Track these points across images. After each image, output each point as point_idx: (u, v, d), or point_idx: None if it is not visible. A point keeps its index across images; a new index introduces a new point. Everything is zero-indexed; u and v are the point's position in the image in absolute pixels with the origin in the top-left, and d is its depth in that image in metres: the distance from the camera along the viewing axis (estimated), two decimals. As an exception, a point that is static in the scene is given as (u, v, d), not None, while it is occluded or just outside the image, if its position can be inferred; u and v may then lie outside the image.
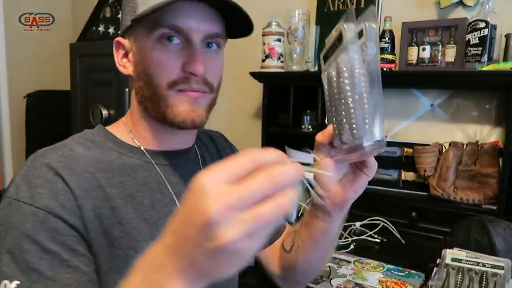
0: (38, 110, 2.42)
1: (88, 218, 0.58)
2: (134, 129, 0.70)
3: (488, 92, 1.50)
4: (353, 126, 0.50)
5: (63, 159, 0.60)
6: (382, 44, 1.51)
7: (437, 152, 1.48)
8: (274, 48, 1.71)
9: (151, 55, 0.63)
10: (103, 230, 0.59)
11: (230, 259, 0.33)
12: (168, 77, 0.63)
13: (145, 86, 0.64)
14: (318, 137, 0.60)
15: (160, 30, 0.61)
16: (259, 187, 0.32)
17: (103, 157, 0.64)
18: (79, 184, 0.59)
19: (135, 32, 0.65)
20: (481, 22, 1.33)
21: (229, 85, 2.13)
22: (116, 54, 0.69)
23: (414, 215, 1.48)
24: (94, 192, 0.60)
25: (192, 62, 0.62)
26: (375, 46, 0.50)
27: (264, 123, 1.80)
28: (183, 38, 0.62)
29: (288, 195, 0.32)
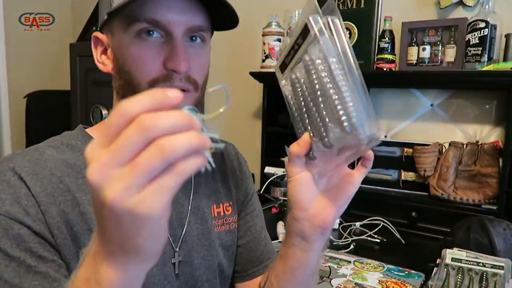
0: (38, 110, 2.42)
1: (54, 224, 0.55)
2: None
3: (488, 92, 1.50)
4: (342, 119, 0.43)
5: (28, 164, 0.57)
6: (382, 44, 1.51)
7: (437, 152, 1.48)
8: (274, 48, 1.71)
9: (129, 51, 0.58)
10: (73, 236, 0.56)
11: (134, 223, 0.31)
12: (148, 75, 0.57)
13: (125, 84, 0.59)
14: (293, 149, 0.53)
15: (137, 25, 0.56)
16: (131, 139, 0.30)
17: (74, 162, 0.61)
18: (44, 190, 0.56)
19: (112, 26, 0.60)
20: (481, 22, 1.33)
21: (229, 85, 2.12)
22: (94, 50, 0.65)
23: (414, 215, 1.48)
24: (62, 197, 0.57)
25: (174, 58, 0.56)
26: (343, 38, 0.46)
27: (264, 123, 1.80)
28: (163, 32, 0.57)
29: (171, 137, 0.30)
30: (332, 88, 0.44)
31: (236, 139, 2.08)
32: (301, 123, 0.52)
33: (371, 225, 1.48)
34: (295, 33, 0.50)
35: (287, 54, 0.52)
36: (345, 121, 0.43)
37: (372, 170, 1.61)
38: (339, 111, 0.44)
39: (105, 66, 0.64)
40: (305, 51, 0.48)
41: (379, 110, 1.72)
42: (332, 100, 0.44)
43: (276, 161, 1.75)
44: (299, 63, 0.49)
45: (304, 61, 0.48)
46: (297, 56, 0.50)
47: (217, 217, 0.72)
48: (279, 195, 1.62)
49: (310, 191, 0.54)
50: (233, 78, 2.10)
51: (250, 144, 2.00)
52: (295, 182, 0.54)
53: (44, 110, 2.42)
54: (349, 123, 0.43)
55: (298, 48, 0.49)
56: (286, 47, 0.52)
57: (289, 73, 0.52)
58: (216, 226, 0.71)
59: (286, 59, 0.52)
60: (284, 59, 0.53)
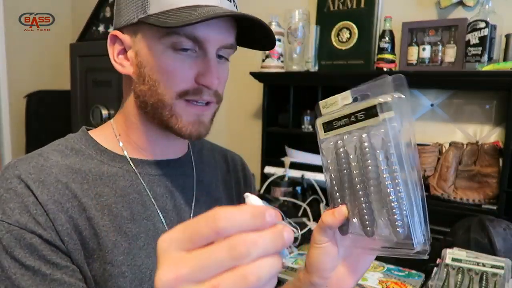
0: (38, 110, 2.41)
1: (64, 231, 0.55)
2: (125, 133, 0.66)
3: (488, 92, 1.50)
4: (396, 224, 0.41)
5: (34, 170, 0.57)
6: (382, 44, 1.51)
7: (437, 152, 1.48)
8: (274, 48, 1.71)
9: (161, 61, 0.58)
10: (82, 241, 0.57)
11: None
12: (178, 87, 0.59)
13: (149, 91, 0.60)
14: (326, 218, 0.49)
15: (175, 38, 0.56)
16: (219, 261, 0.28)
17: (80, 167, 0.60)
18: (51, 197, 0.56)
19: (141, 30, 0.59)
20: (481, 22, 1.33)
21: (229, 85, 2.12)
22: (111, 48, 0.63)
23: (414, 215, 1.48)
24: (68, 204, 0.57)
25: (207, 75, 0.58)
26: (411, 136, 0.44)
27: (264, 123, 1.80)
28: (197, 47, 0.58)
29: (257, 264, 0.28)
30: (391, 187, 0.42)
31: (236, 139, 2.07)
32: (338, 194, 0.49)
33: (371, 225, 1.48)
34: (359, 105, 0.46)
35: (339, 118, 0.48)
36: (400, 227, 0.41)
37: (372, 170, 1.61)
38: (395, 215, 0.42)
39: (124, 68, 0.62)
40: (364, 129, 0.45)
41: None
42: (388, 199, 0.42)
43: (276, 161, 1.76)
44: (352, 136, 0.47)
45: (361, 142, 0.45)
46: (351, 128, 0.47)
47: None
48: (279, 195, 1.62)
49: (333, 261, 0.52)
50: (233, 78, 2.10)
51: (250, 144, 2.00)
52: (320, 250, 0.51)
53: (44, 110, 2.42)
54: (403, 230, 0.42)
55: (355, 121, 0.46)
56: (339, 108, 0.49)
57: (335, 137, 0.49)
58: None
59: (336, 122, 0.49)
60: (333, 121, 0.49)
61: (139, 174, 0.64)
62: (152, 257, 0.62)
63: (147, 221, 0.63)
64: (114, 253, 0.58)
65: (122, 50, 0.62)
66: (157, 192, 0.65)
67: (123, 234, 0.60)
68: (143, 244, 0.61)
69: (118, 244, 0.59)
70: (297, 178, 1.66)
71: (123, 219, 0.60)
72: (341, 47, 1.67)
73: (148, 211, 0.63)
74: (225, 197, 0.77)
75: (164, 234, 0.30)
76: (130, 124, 0.66)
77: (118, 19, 0.62)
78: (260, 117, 1.87)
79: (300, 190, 1.64)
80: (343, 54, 1.67)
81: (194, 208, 0.70)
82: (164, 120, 0.61)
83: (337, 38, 1.68)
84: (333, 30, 1.69)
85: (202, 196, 0.72)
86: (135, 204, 0.62)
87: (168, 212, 0.65)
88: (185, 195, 0.69)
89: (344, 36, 1.67)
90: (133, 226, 0.61)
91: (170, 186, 0.67)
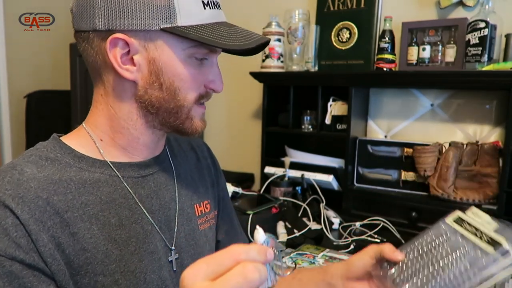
0: (38, 110, 2.42)
1: (46, 252, 0.52)
2: (109, 137, 0.64)
3: (488, 92, 1.50)
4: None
5: (10, 186, 0.53)
6: (382, 44, 1.51)
7: (437, 152, 1.48)
8: (274, 48, 1.71)
9: (184, 69, 0.60)
10: (66, 259, 0.54)
11: None
12: (196, 92, 0.63)
13: (168, 97, 0.61)
14: (388, 252, 0.63)
15: (201, 50, 0.61)
16: (237, 283, 0.36)
17: (59, 177, 0.57)
18: (32, 215, 0.52)
19: (161, 38, 0.59)
20: (481, 22, 1.33)
21: (229, 85, 2.13)
22: (112, 52, 0.58)
23: (414, 215, 1.48)
24: (50, 221, 0.54)
25: (218, 81, 0.65)
26: None
27: (264, 123, 1.80)
28: (209, 56, 0.64)
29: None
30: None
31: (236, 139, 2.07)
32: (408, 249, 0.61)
33: (371, 225, 1.48)
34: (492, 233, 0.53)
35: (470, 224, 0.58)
36: None
37: (372, 170, 1.62)
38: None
39: (131, 74, 0.60)
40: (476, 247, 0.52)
41: (379, 110, 1.72)
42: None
43: (276, 161, 1.76)
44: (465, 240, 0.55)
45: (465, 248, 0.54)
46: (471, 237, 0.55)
47: (200, 216, 0.74)
48: (279, 195, 1.62)
49: (360, 274, 0.68)
50: (233, 78, 2.10)
51: (250, 144, 2.00)
52: (364, 263, 0.67)
53: (44, 110, 2.42)
54: None
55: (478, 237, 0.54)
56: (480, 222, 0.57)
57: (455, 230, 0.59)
58: (200, 225, 0.74)
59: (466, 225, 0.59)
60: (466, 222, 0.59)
61: (122, 178, 0.63)
62: (144, 260, 0.61)
63: (136, 224, 0.62)
64: (106, 263, 0.57)
65: (125, 54, 0.59)
66: (142, 194, 0.64)
67: (113, 242, 0.59)
68: (134, 248, 0.61)
69: (109, 252, 0.58)
70: (297, 178, 1.66)
71: (112, 226, 0.59)
72: (341, 47, 1.67)
73: (136, 214, 0.63)
74: (200, 185, 0.78)
75: (187, 270, 0.38)
76: (119, 129, 0.64)
77: (118, 20, 0.57)
78: (260, 117, 1.87)
79: (300, 190, 1.64)
80: (343, 54, 1.67)
81: (178, 203, 0.70)
82: (177, 123, 0.64)
83: (337, 38, 1.68)
84: (333, 30, 1.69)
85: (183, 189, 0.72)
86: (122, 209, 0.61)
87: (155, 212, 0.65)
88: (168, 192, 0.69)
89: (344, 36, 1.67)
90: (123, 232, 0.60)
91: (153, 186, 0.67)
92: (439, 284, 0.52)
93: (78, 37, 0.62)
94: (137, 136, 0.65)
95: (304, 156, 1.70)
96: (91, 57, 0.61)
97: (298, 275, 0.79)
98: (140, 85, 0.61)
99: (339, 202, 1.62)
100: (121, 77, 0.60)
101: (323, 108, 1.66)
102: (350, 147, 1.60)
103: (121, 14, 0.57)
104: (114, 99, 0.63)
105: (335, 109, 1.65)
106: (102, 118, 0.65)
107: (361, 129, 1.71)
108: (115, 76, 0.61)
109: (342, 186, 1.63)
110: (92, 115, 0.66)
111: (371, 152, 1.62)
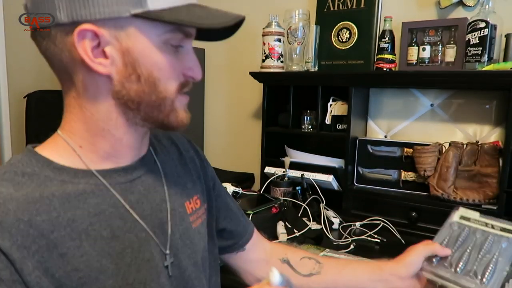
0: (38, 110, 2.41)
1: (33, 280, 0.48)
2: (89, 143, 0.58)
3: (488, 92, 1.50)
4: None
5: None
6: (382, 44, 1.51)
7: (437, 152, 1.48)
8: (274, 48, 1.71)
9: (159, 57, 0.55)
10: (56, 284, 0.50)
11: None
12: (177, 82, 0.59)
13: (148, 89, 0.56)
14: (439, 250, 0.76)
15: (177, 34, 0.56)
16: None
17: (40, 194, 0.52)
18: (14, 243, 0.47)
19: (133, 25, 0.54)
20: (481, 22, 1.33)
21: (229, 85, 2.13)
22: (80, 45, 0.52)
23: (414, 215, 1.48)
24: (35, 245, 0.49)
25: (195, 69, 0.60)
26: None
27: (264, 123, 1.79)
28: (184, 43, 0.59)
29: None
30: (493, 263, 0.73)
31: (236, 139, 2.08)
32: (455, 248, 0.77)
33: (371, 225, 1.48)
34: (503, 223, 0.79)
35: (478, 220, 0.81)
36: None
37: (372, 170, 1.62)
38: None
39: (105, 68, 0.54)
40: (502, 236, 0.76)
41: (379, 110, 1.72)
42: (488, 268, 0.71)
43: (276, 161, 1.76)
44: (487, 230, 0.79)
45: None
46: (486, 229, 0.79)
47: (191, 213, 0.71)
48: (279, 195, 1.62)
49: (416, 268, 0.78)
50: (233, 78, 2.10)
51: (250, 144, 2.00)
52: (417, 257, 0.77)
53: (44, 110, 2.42)
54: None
55: (491, 228, 0.78)
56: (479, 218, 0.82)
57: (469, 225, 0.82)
58: (192, 222, 0.71)
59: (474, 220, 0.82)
60: (472, 219, 0.83)
61: (110, 186, 0.58)
62: (142, 270, 0.58)
63: (129, 233, 0.58)
64: (101, 280, 0.54)
65: (95, 47, 0.53)
66: (132, 200, 0.60)
67: (107, 256, 0.55)
68: (130, 259, 0.57)
69: (104, 268, 0.54)
70: (297, 178, 1.66)
71: (104, 239, 0.55)
72: (341, 47, 1.68)
73: (128, 223, 0.58)
74: (188, 181, 0.74)
75: None
76: (98, 132, 0.58)
77: (83, 9, 0.51)
78: (260, 117, 1.87)
79: (300, 190, 1.64)
80: (343, 54, 1.67)
81: (169, 203, 0.66)
82: (161, 117, 0.59)
83: (337, 38, 1.68)
84: (333, 30, 1.69)
85: (172, 188, 0.69)
86: (113, 219, 0.57)
87: (147, 217, 0.62)
88: (158, 194, 0.66)
89: (344, 36, 1.67)
90: (116, 244, 0.56)
91: (142, 190, 0.62)
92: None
93: (37, 36, 0.56)
94: (120, 137, 0.59)
95: (304, 156, 1.70)
96: (56, 56, 0.55)
97: (351, 265, 0.88)
98: (115, 80, 0.55)
99: (339, 202, 1.62)
100: (93, 73, 0.54)
101: (323, 108, 1.66)
102: (350, 147, 1.60)
103: (85, 2, 0.51)
104: (88, 100, 0.57)
105: (335, 109, 1.65)
106: (78, 123, 0.58)
107: (361, 129, 1.71)
108: (86, 74, 0.55)
109: (342, 186, 1.63)
110: (67, 121, 0.59)
111: (371, 152, 1.62)
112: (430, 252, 0.76)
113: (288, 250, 0.90)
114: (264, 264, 0.86)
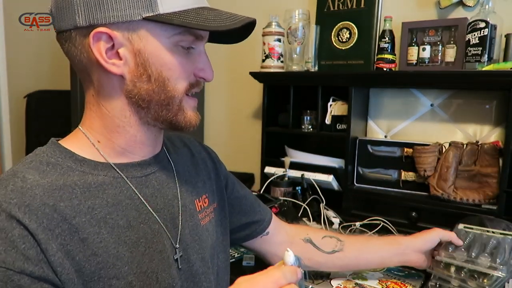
0: (38, 110, 2.42)
1: (56, 261, 0.51)
2: (106, 139, 0.63)
3: (488, 92, 1.50)
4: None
5: (14, 195, 0.51)
6: (382, 44, 1.51)
7: (437, 152, 1.48)
8: (274, 48, 1.71)
9: (171, 58, 0.59)
10: (76, 266, 0.53)
11: None
12: (186, 82, 0.62)
13: (157, 89, 0.60)
14: (455, 239, 0.93)
15: (187, 37, 0.60)
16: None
17: (63, 182, 0.56)
18: (40, 224, 0.51)
19: (144, 27, 0.58)
20: (481, 22, 1.33)
21: (229, 85, 2.13)
22: (96, 47, 0.57)
23: (414, 215, 1.48)
24: (58, 229, 0.52)
25: (207, 70, 0.64)
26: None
27: (264, 123, 1.79)
28: (196, 44, 0.63)
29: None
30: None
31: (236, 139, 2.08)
32: (469, 243, 0.94)
33: (371, 225, 1.48)
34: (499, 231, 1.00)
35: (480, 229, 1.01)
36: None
37: (372, 170, 1.62)
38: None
39: (118, 68, 0.59)
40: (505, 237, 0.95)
41: (379, 110, 1.72)
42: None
43: (276, 161, 1.76)
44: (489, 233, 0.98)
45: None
46: (487, 233, 0.98)
47: (200, 211, 0.75)
48: (279, 195, 1.62)
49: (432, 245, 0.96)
50: (233, 78, 2.10)
51: (250, 144, 2.00)
52: (435, 236, 0.97)
53: (44, 110, 2.42)
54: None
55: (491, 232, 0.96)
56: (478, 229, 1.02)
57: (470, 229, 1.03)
58: (201, 220, 0.74)
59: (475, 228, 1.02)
60: (474, 228, 1.02)
61: (127, 179, 0.63)
62: (155, 260, 0.62)
63: (144, 224, 0.62)
64: (118, 266, 0.57)
65: (110, 48, 0.58)
66: (147, 193, 0.64)
67: (123, 244, 0.58)
68: (144, 249, 0.61)
69: (120, 255, 0.58)
70: (297, 178, 1.66)
71: (120, 228, 0.59)
72: (341, 47, 1.68)
73: (143, 214, 0.63)
74: (198, 180, 0.78)
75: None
76: (114, 128, 0.63)
77: (99, 14, 0.56)
78: (260, 117, 1.87)
79: (300, 190, 1.64)
80: (343, 54, 1.67)
81: (181, 200, 0.70)
82: (170, 116, 0.63)
83: (337, 38, 1.68)
84: (333, 30, 1.69)
85: (183, 185, 0.73)
86: (129, 210, 0.61)
87: (160, 210, 0.66)
88: (170, 190, 0.70)
89: (344, 36, 1.67)
90: (132, 233, 0.60)
91: (156, 185, 0.67)
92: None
93: (61, 38, 0.61)
94: (134, 134, 0.64)
95: (304, 156, 1.70)
96: (76, 57, 0.60)
97: (371, 241, 1.00)
98: (128, 79, 0.60)
99: (339, 202, 1.62)
100: (108, 73, 0.59)
101: (323, 108, 1.66)
102: (350, 147, 1.60)
103: (101, 7, 0.56)
104: (104, 98, 0.62)
105: (335, 109, 1.65)
106: (96, 119, 0.63)
107: (361, 129, 1.71)
108: (102, 73, 0.60)
109: (342, 186, 1.63)
110: (87, 117, 0.65)
111: (371, 152, 1.62)
112: (447, 236, 0.92)
113: (309, 230, 0.98)
114: (288, 245, 0.89)
